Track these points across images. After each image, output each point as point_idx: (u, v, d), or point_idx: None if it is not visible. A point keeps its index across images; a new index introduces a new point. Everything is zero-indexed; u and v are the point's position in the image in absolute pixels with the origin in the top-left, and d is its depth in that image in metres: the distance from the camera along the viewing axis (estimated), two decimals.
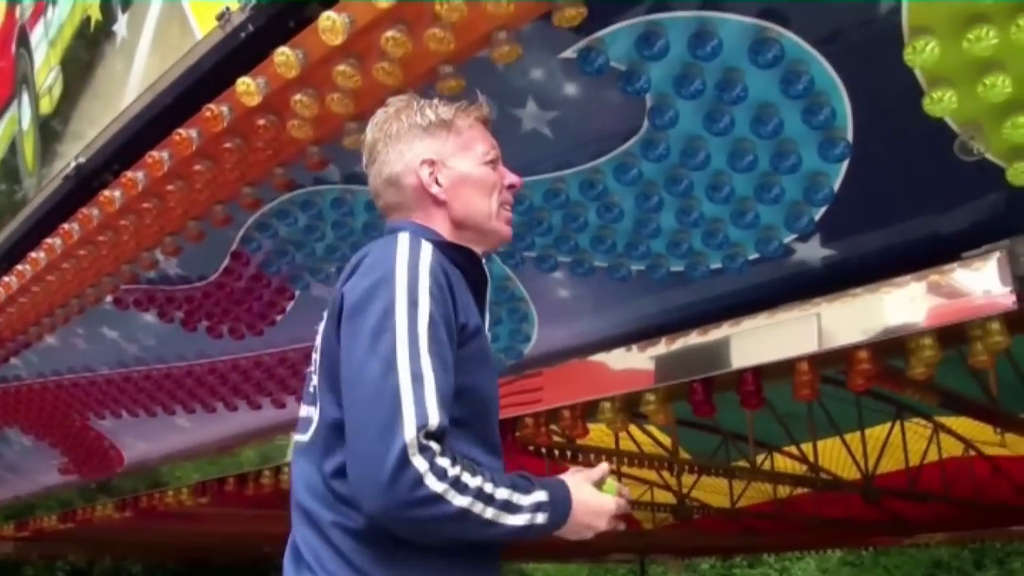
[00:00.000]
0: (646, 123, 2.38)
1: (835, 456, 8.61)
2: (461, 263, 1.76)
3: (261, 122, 2.62)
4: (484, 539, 1.59)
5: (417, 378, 1.53)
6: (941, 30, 2.02)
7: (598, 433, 6.04)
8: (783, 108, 2.25)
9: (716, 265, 2.72)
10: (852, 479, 8.77)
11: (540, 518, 1.62)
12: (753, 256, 2.68)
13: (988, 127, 2.18)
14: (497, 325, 3.34)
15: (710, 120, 2.28)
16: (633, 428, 6.83)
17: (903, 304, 2.62)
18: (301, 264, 3.36)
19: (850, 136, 2.29)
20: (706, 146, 2.40)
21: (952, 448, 9.45)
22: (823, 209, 2.49)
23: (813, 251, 2.64)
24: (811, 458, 8.10)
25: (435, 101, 1.90)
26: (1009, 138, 2.15)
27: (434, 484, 1.49)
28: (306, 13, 2.44)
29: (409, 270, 1.62)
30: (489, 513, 1.55)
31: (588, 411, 3.71)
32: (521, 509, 1.59)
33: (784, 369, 3.04)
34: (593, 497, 1.74)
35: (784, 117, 2.26)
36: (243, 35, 2.60)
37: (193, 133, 2.75)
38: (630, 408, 3.60)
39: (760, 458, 8.92)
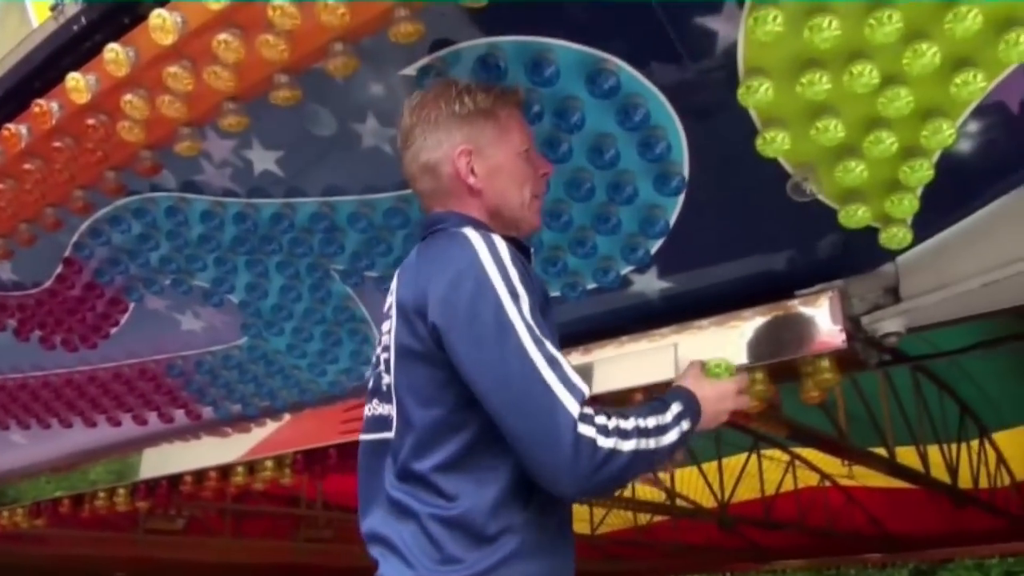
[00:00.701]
0: None
1: (694, 484, 8.77)
2: (519, 253, 1.84)
3: (91, 122, 2.47)
4: (656, 464, 1.79)
5: (552, 361, 1.67)
6: (776, 72, 2.04)
7: None
8: (620, 139, 2.24)
9: (555, 293, 2.70)
10: (710, 507, 8.94)
11: (685, 425, 1.82)
12: (591, 286, 2.66)
13: (820, 170, 2.21)
14: (337, 347, 3.25)
15: (548, 147, 2.25)
16: None
17: (748, 338, 2.63)
18: (135, 274, 3.21)
19: (686, 171, 2.29)
20: None
21: (807, 478, 9.73)
22: (659, 242, 2.49)
23: (650, 283, 2.64)
24: (670, 486, 8.23)
25: (473, 87, 1.98)
26: (841, 181, 2.18)
27: (605, 443, 1.65)
28: (140, 10, 2.33)
29: (497, 265, 1.73)
30: (652, 443, 1.73)
31: None
32: (669, 426, 1.78)
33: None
34: (712, 387, 1.97)
35: (621, 148, 2.25)
36: (76, 28, 2.46)
37: (23, 129, 2.59)
38: None
39: None
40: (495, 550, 1.70)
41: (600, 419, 1.66)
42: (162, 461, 4.64)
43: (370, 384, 1.97)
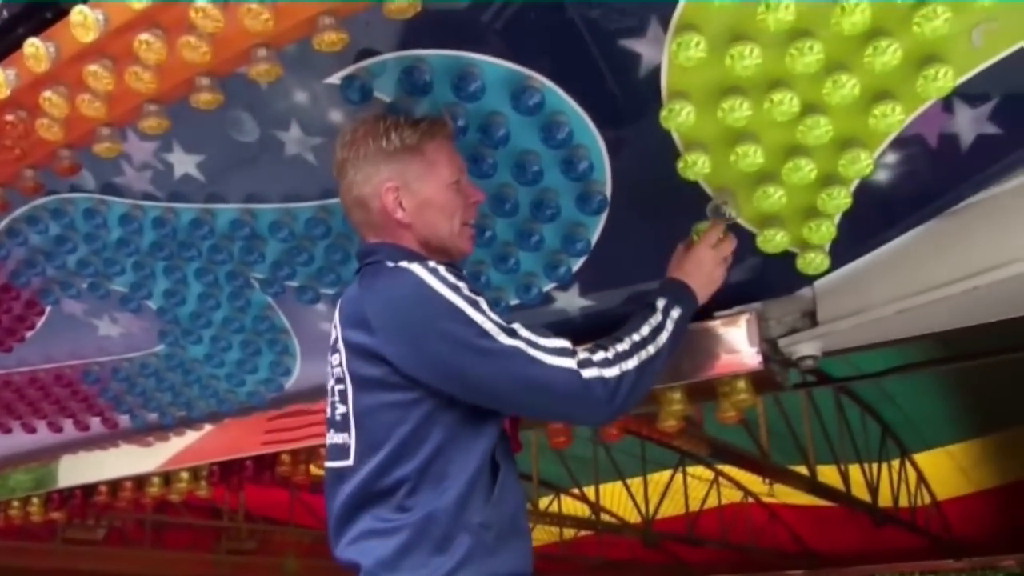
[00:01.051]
0: None
1: (619, 500, 8.81)
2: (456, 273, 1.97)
3: (10, 118, 2.40)
4: (666, 363, 2.01)
5: (529, 342, 1.85)
6: (698, 97, 2.06)
7: None
8: (544, 157, 2.24)
9: None
10: (635, 523, 8.98)
11: (675, 312, 2.05)
12: (514, 302, 2.66)
13: (740, 194, 2.24)
14: (256, 356, 3.20)
15: (473, 163, 2.24)
16: None
17: None
18: (52, 277, 3.12)
19: (608, 191, 2.30)
20: None
21: (731, 495, 9.84)
22: (581, 260, 2.49)
23: (572, 300, 2.64)
24: (595, 500, 8.26)
25: (401, 122, 2.04)
26: (759, 206, 2.20)
27: (611, 372, 1.86)
28: (62, 6, 2.27)
29: (445, 284, 1.88)
30: (651, 349, 1.95)
31: None
32: (662, 325, 2.00)
33: None
34: (688, 260, 2.17)
35: (544, 166, 2.24)
36: None
37: None
38: None
39: (548, 500, 9.02)
40: (454, 553, 1.82)
41: (598, 355, 1.88)
42: (79, 470, 4.50)
43: (327, 414, 2.08)
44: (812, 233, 2.25)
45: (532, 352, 1.83)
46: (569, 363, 1.83)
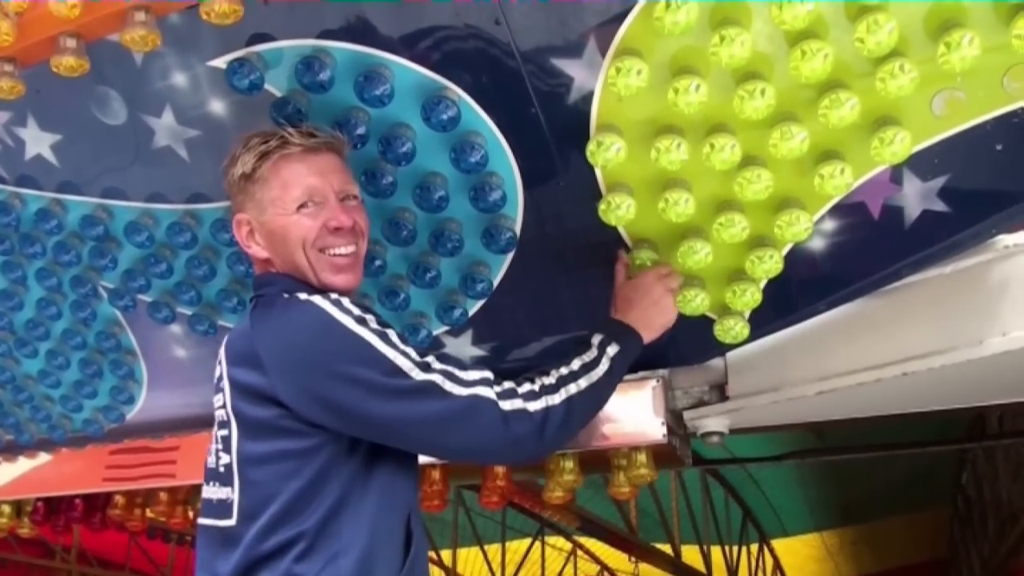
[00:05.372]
0: None
1: (476, 566, 8.60)
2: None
3: None
4: (601, 401, 1.84)
5: (445, 373, 1.66)
6: (631, 132, 1.86)
7: None
8: (452, 181, 1.98)
9: None
10: None
11: (611, 349, 1.84)
12: None
13: (662, 247, 2.03)
14: (97, 379, 2.81)
15: (369, 178, 1.98)
16: None
17: None
18: None
19: (518, 228, 2.06)
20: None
21: (588, 569, 9.78)
22: (479, 304, 2.24)
23: (462, 348, 2.35)
24: (451, 566, 7.98)
25: (252, 142, 1.80)
26: (683, 262, 2.00)
27: (535, 405, 1.69)
28: None
29: (347, 314, 1.67)
30: (583, 384, 1.76)
31: None
32: (596, 361, 1.81)
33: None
34: (639, 291, 1.95)
35: (451, 191, 1.99)
36: None
37: None
38: None
39: None
40: None
41: (523, 387, 1.71)
42: None
43: (207, 464, 1.82)
44: (735, 298, 2.05)
45: (448, 386, 1.65)
46: (487, 393, 1.66)
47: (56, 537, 7.54)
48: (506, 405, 1.66)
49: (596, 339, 1.86)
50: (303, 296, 1.72)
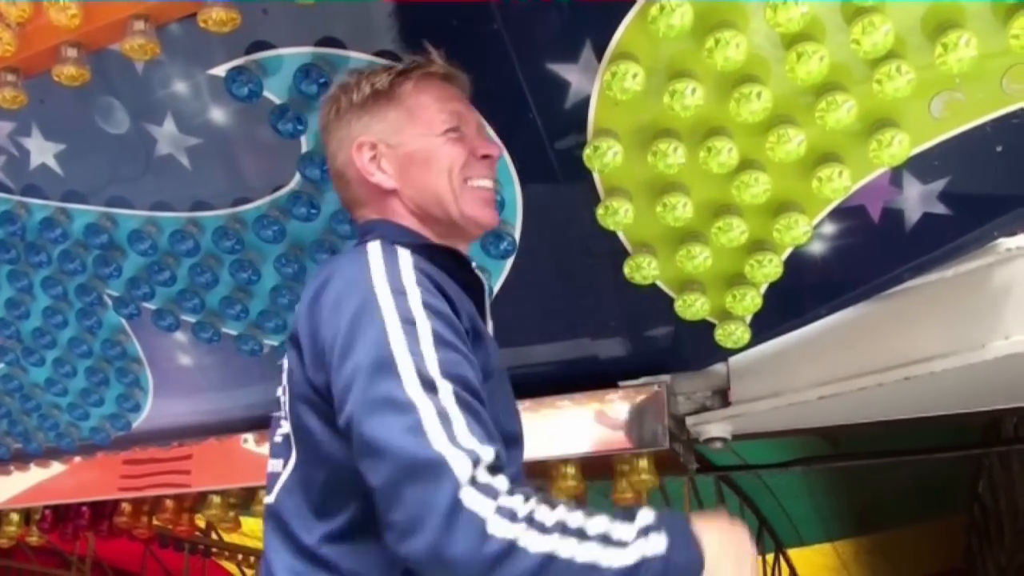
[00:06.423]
0: (297, 174, 2.05)
1: None
2: (447, 266, 1.48)
3: None
4: None
5: (442, 414, 1.24)
6: (628, 136, 1.86)
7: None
8: None
9: None
10: None
11: (654, 544, 1.22)
12: None
13: (661, 252, 2.03)
14: (103, 387, 2.83)
15: None
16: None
17: (563, 427, 2.41)
18: None
19: (518, 233, 2.06)
20: None
21: None
22: None
23: None
24: None
25: (380, 67, 1.63)
26: (681, 267, 2.00)
27: (502, 529, 1.17)
28: None
29: (392, 285, 1.35)
30: (588, 554, 1.19)
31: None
32: (624, 540, 1.22)
33: None
34: (733, 535, 1.31)
35: None
36: None
37: None
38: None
39: None
40: None
41: (513, 499, 1.20)
42: None
43: (269, 438, 1.58)
44: (735, 303, 2.05)
45: (431, 425, 1.23)
46: (461, 465, 1.20)
47: (69, 547, 7.56)
48: (466, 495, 1.19)
49: (645, 517, 1.27)
50: (369, 243, 1.45)
